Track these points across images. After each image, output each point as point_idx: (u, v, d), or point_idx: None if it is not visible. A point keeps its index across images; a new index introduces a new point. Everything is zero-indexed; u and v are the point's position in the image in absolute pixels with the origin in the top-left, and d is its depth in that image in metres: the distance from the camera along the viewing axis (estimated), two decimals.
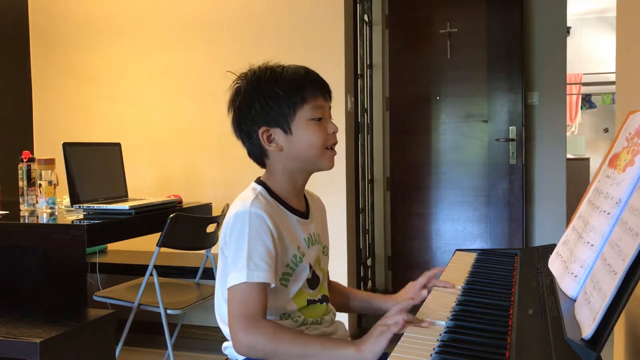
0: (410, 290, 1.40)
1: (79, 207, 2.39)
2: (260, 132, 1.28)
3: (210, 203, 2.99)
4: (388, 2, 4.34)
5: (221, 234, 1.27)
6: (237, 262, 1.19)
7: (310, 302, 1.33)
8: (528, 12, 4.16)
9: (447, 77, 4.20)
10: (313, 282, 1.33)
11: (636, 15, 1.55)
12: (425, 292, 1.32)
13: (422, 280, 1.37)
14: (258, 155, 1.33)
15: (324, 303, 1.37)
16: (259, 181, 1.34)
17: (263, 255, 1.19)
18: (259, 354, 1.15)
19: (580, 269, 1.01)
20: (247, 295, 1.16)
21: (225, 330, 1.31)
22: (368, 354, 1.09)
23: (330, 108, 1.34)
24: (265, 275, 1.17)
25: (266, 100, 1.27)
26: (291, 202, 1.33)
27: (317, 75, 1.32)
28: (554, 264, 1.19)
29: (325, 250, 1.41)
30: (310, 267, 1.33)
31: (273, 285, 1.21)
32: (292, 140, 1.28)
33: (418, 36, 4.28)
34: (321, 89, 1.30)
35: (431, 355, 0.91)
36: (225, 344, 1.32)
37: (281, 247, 1.25)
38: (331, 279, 1.50)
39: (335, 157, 1.33)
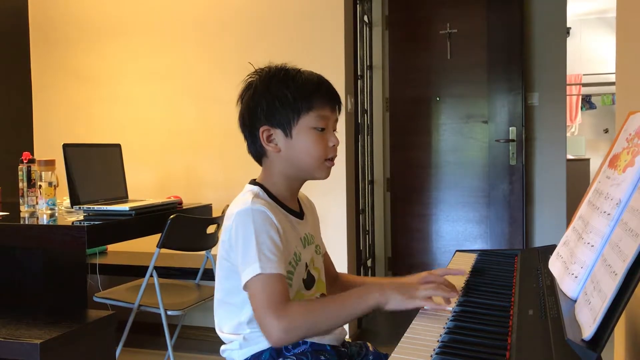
0: (421, 280, 1.38)
1: (79, 208, 2.39)
2: (261, 130, 1.28)
3: (211, 204, 2.99)
4: (388, 3, 4.34)
5: (223, 237, 1.25)
6: (247, 257, 1.18)
7: None
8: (528, 12, 4.16)
9: (447, 78, 4.21)
10: (308, 282, 1.33)
11: (636, 15, 1.56)
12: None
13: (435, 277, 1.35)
14: (256, 152, 1.33)
15: None
16: (254, 182, 1.34)
17: (272, 248, 1.18)
18: (299, 334, 1.15)
19: (581, 270, 1.01)
20: (267, 284, 1.15)
21: (222, 335, 1.31)
22: (391, 304, 1.13)
23: (336, 120, 1.33)
24: (276, 267, 1.17)
25: (273, 100, 1.27)
26: (287, 203, 1.33)
27: (329, 85, 1.32)
28: (554, 264, 1.19)
29: (318, 249, 1.41)
30: (306, 266, 1.33)
31: (285, 275, 1.20)
32: (291, 144, 1.28)
33: (418, 37, 4.28)
34: (331, 99, 1.30)
35: (431, 355, 0.91)
36: (223, 347, 1.32)
37: (283, 244, 1.25)
38: None
39: (336, 158, 1.33)
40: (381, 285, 1.17)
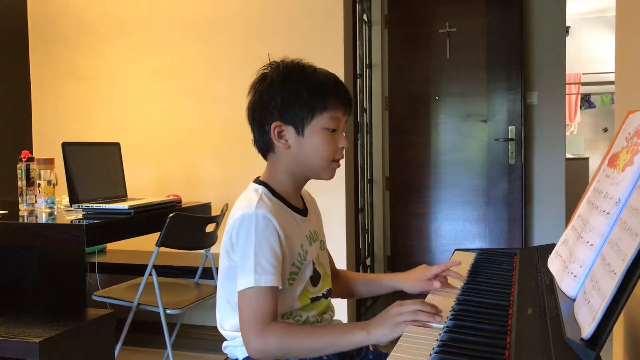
0: (421, 273, 1.40)
1: (78, 206, 2.39)
2: (273, 125, 1.27)
3: (210, 203, 2.99)
4: (387, 2, 4.34)
5: (225, 236, 1.26)
6: (244, 266, 1.19)
7: (314, 299, 1.33)
8: (527, 11, 4.16)
9: (446, 77, 4.20)
10: (314, 278, 1.34)
11: (635, 15, 1.56)
12: (437, 283, 1.34)
13: (436, 270, 1.37)
14: (264, 146, 1.32)
15: (328, 298, 1.37)
16: (258, 181, 1.33)
17: (270, 259, 1.19)
18: (273, 356, 1.17)
19: (580, 269, 1.01)
20: (256, 300, 1.17)
21: (224, 332, 1.32)
22: (380, 341, 1.12)
23: (346, 122, 1.33)
24: (272, 279, 1.18)
25: (289, 97, 1.26)
26: (292, 201, 1.34)
27: (344, 87, 1.32)
28: (554, 263, 1.19)
29: (322, 245, 1.41)
30: (313, 263, 1.33)
31: (280, 288, 1.21)
32: (302, 143, 1.27)
33: (417, 36, 4.28)
34: (344, 101, 1.30)
35: (431, 355, 0.91)
36: (225, 344, 1.33)
37: (288, 247, 1.25)
38: None
39: None
40: (365, 324, 1.13)
